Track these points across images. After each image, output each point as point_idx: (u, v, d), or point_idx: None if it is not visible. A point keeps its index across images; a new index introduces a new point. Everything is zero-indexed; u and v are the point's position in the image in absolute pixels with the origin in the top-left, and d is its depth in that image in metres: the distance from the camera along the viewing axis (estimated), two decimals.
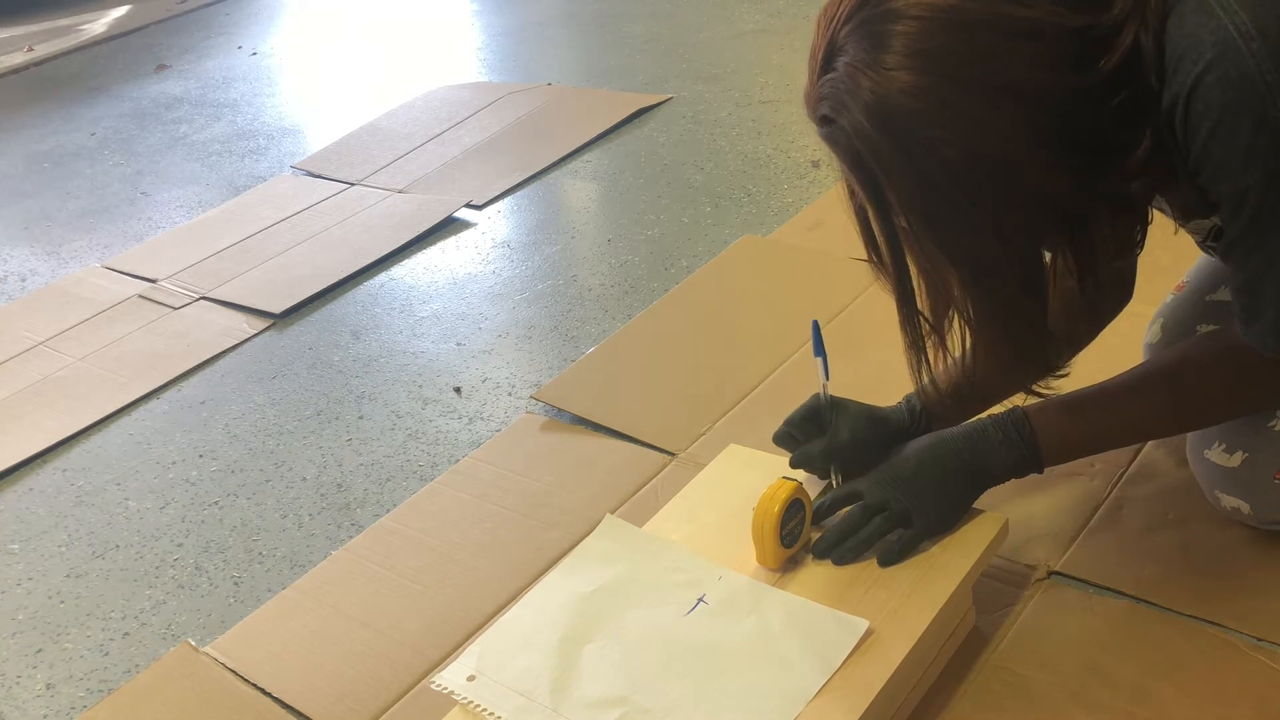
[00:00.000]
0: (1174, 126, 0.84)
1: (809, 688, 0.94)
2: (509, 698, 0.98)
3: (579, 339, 1.82)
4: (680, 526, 1.15)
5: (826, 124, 0.87)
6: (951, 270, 0.88)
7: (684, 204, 2.20)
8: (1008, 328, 0.92)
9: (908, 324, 0.95)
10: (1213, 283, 1.23)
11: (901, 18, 0.81)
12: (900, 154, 0.83)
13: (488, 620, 1.25)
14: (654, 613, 1.04)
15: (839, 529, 1.07)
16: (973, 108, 0.81)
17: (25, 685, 1.34)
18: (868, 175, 0.86)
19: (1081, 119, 0.83)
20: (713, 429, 1.49)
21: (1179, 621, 1.08)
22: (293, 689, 1.23)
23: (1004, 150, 0.83)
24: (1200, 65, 0.80)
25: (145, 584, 1.47)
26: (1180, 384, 1.03)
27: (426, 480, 1.54)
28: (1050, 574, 1.16)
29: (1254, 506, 1.09)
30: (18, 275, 2.47)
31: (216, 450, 1.73)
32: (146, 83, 3.70)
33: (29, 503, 1.68)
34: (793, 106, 2.55)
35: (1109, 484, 1.25)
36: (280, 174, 2.76)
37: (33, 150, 3.25)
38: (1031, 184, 0.84)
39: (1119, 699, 1.01)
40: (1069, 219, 0.88)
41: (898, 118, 0.82)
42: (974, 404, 1.13)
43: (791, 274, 1.84)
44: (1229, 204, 0.85)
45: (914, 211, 0.86)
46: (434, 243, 2.25)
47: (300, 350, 1.96)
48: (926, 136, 0.82)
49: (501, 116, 2.78)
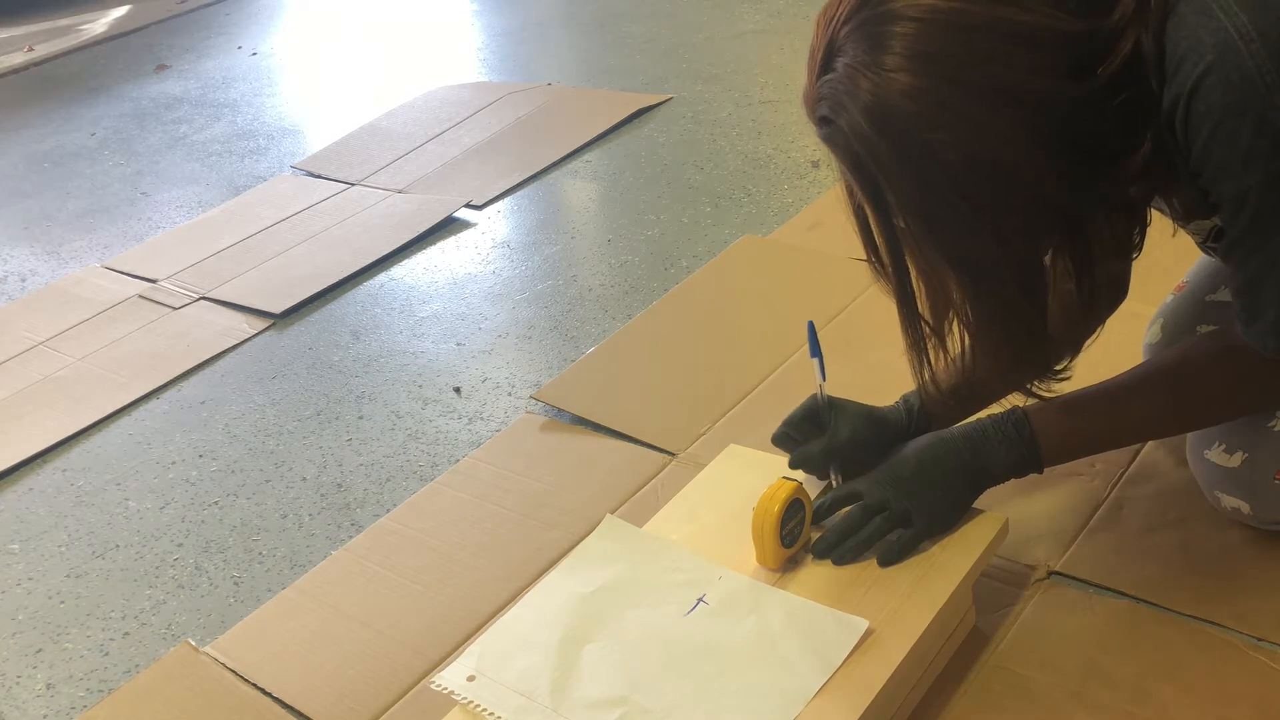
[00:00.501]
0: (1174, 128, 0.84)
1: (809, 688, 0.94)
2: (509, 698, 0.98)
3: (579, 339, 1.82)
4: (680, 526, 1.15)
5: (825, 124, 0.87)
6: (950, 272, 0.88)
7: (684, 204, 2.20)
8: (1007, 330, 0.92)
9: (908, 325, 0.95)
10: (1213, 283, 1.23)
11: (901, 19, 0.81)
12: (899, 156, 0.83)
13: (488, 620, 1.25)
14: (654, 613, 1.04)
15: (839, 529, 1.07)
16: (971, 111, 0.81)
17: (25, 685, 1.34)
18: (867, 176, 0.86)
19: (1081, 123, 0.83)
20: (713, 429, 1.49)
21: (1179, 621, 1.08)
22: (293, 689, 1.23)
23: (1003, 153, 0.83)
24: (1201, 67, 0.80)
25: (145, 584, 1.47)
26: (1180, 384, 1.03)
27: (426, 480, 1.54)
28: (1050, 574, 1.16)
29: (1254, 506, 1.09)
30: (18, 275, 2.47)
31: (216, 450, 1.73)
32: (146, 83, 3.70)
33: (29, 503, 1.68)
34: (793, 106, 2.55)
35: (1109, 484, 1.25)
36: (280, 174, 2.77)
37: (33, 150, 3.25)
38: (1030, 187, 0.84)
39: (1119, 699, 1.01)
40: (1068, 221, 0.88)
41: (896, 119, 0.82)
42: (973, 404, 1.14)
43: (791, 274, 1.84)
44: (1230, 205, 0.85)
45: (912, 213, 0.86)
46: (434, 243, 2.25)
47: (300, 350, 1.96)
48: (925, 139, 0.82)
49: (501, 116, 2.78)
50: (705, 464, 1.24)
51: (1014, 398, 1.06)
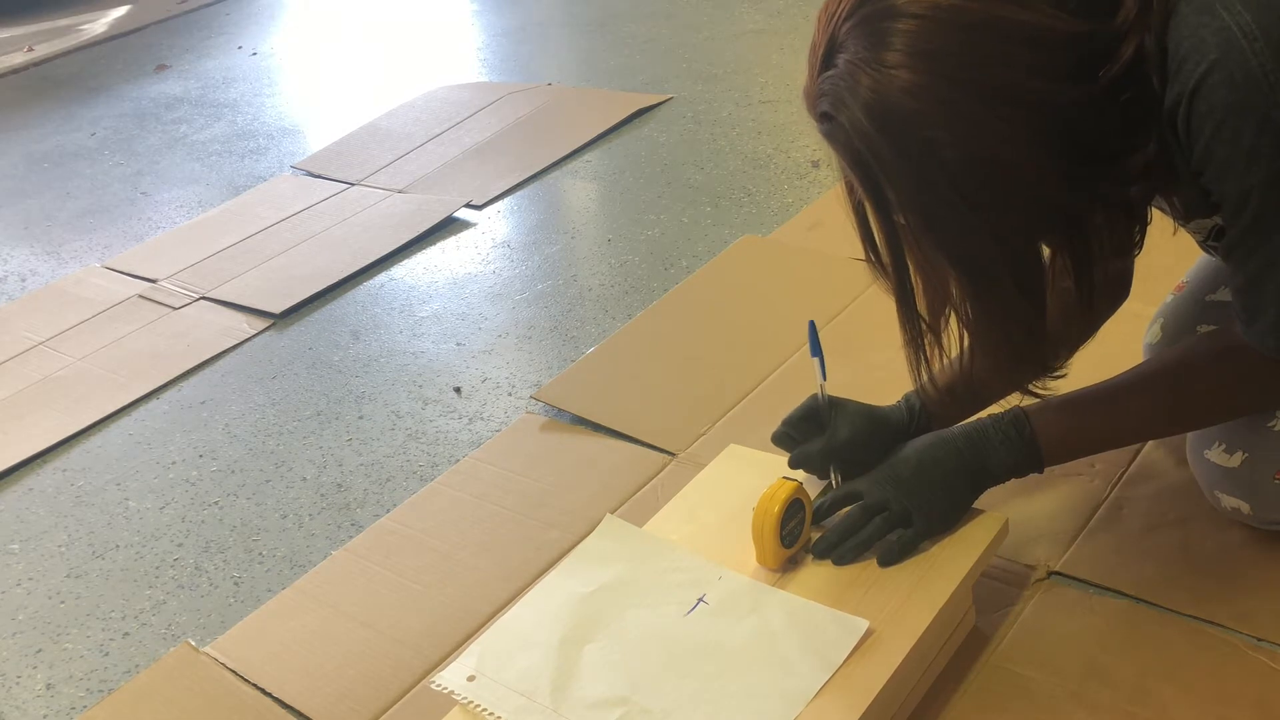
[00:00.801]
0: (1176, 127, 0.84)
1: (809, 688, 0.94)
2: (509, 698, 0.98)
3: (579, 339, 1.82)
4: (680, 526, 1.15)
5: (826, 120, 0.87)
6: (949, 270, 0.88)
7: (684, 204, 2.20)
8: (1005, 328, 0.91)
9: (906, 323, 0.95)
10: (1213, 283, 1.23)
11: (902, 15, 0.81)
12: (899, 153, 0.83)
13: (488, 620, 1.25)
14: (654, 613, 1.04)
15: (839, 529, 1.07)
16: (971, 109, 0.81)
17: (25, 685, 1.34)
18: (866, 172, 0.86)
19: (1081, 123, 0.83)
20: (713, 429, 1.49)
21: (1179, 621, 1.08)
22: (293, 689, 1.23)
23: (1002, 152, 0.83)
24: (1203, 66, 0.80)
25: (145, 584, 1.47)
26: (1180, 384, 1.03)
27: (426, 480, 1.54)
28: (1050, 574, 1.16)
29: (1254, 506, 1.08)
30: (18, 275, 2.47)
31: (216, 450, 1.73)
32: (146, 83, 3.70)
33: (29, 503, 1.68)
34: (793, 106, 2.55)
35: (1109, 484, 1.25)
36: (280, 174, 2.77)
37: (33, 150, 3.25)
38: (1029, 186, 0.84)
39: (1119, 699, 1.01)
40: (1067, 220, 0.88)
41: (897, 116, 0.82)
42: (972, 404, 1.14)
43: (791, 274, 1.84)
44: (1231, 204, 0.85)
45: (912, 210, 0.86)
46: (434, 243, 2.25)
47: (300, 350, 1.96)
48: (925, 136, 0.82)
49: (501, 116, 2.78)
50: (705, 464, 1.24)
51: (1013, 397, 1.06)
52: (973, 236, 0.86)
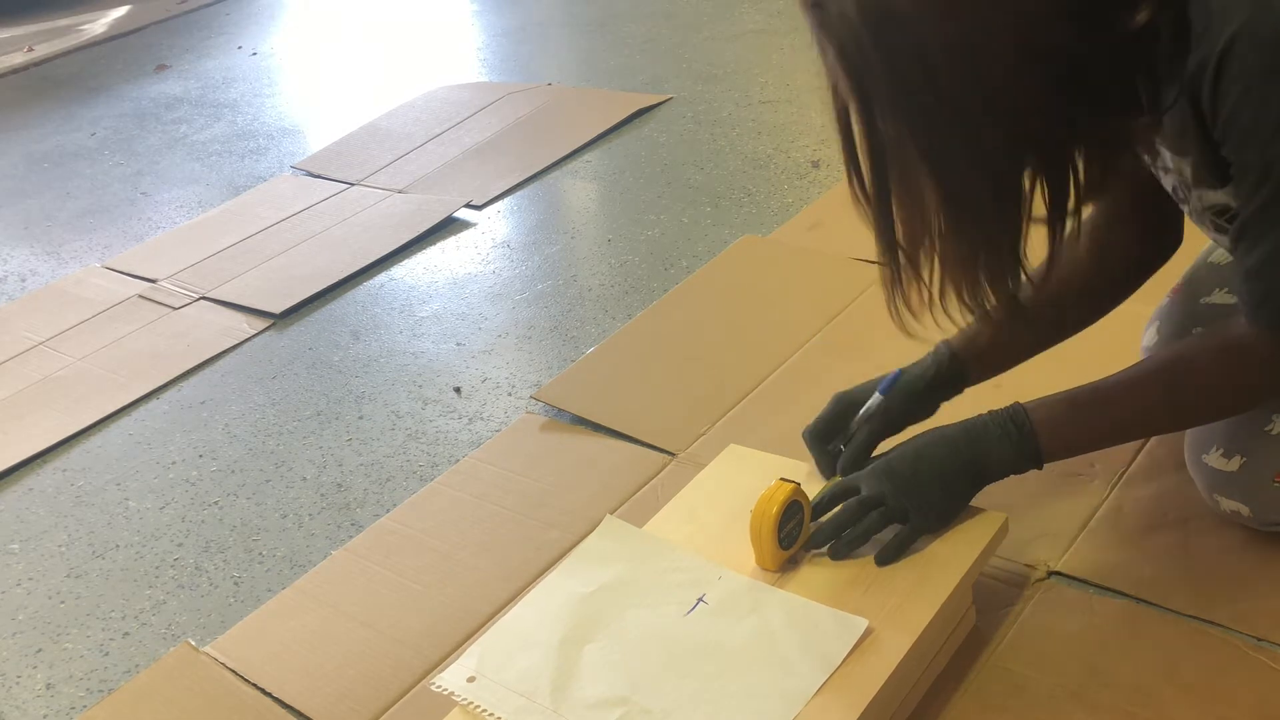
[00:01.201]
0: (1200, 91, 0.81)
1: (809, 687, 0.94)
2: (509, 698, 0.98)
3: (579, 339, 1.82)
4: (680, 527, 1.15)
5: (815, 9, 0.84)
6: (927, 178, 0.85)
7: (684, 204, 2.20)
8: (974, 246, 0.88)
9: (885, 254, 0.92)
10: (1209, 286, 1.22)
11: None
12: (887, 49, 0.81)
13: (488, 620, 1.25)
14: (654, 613, 1.04)
15: (835, 521, 1.07)
16: (966, 16, 0.79)
17: (25, 685, 1.34)
18: (851, 66, 0.83)
19: (1075, 57, 0.81)
20: (713, 429, 1.49)
21: (1179, 621, 1.08)
22: (293, 689, 1.23)
23: (992, 67, 0.80)
24: (1232, 27, 0.77)
25: (145, 584, 1.47)
26: (1178, 379, 1.02)
27: (426, 480, 1.54)
28: (1050, 574, 1.16)
29: (1253, 509, 1.08)
30: (18, 275, 2.47)
31: (216, 450, 1.73)
32: (146, 83, 3.70)
33: (29, 503, 1.68)
34: (793, 106, 2.55)
35: (1109, 484, 1.25)
36: (280, 174, 2.77)
37: (33, 150, 3.25)
38: (1014, 102, 0.82)
39: (1119, 699, 1.01)
40: (1047, 147, 0.85)
41: (888, 11, 0.80)
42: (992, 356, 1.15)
43: (791, 274, 1.84)
44: (1252, 174, 0.83)
45: (894, 108, 0.84)
46: (434, 243, 2.25)
47: (300, 350, 1.96)
48: (915, 33, 0.79)
49: (501, 116, 2.78)
50: (705, 464, 1.24)
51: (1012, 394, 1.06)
52: (954, 144, 0.83)
